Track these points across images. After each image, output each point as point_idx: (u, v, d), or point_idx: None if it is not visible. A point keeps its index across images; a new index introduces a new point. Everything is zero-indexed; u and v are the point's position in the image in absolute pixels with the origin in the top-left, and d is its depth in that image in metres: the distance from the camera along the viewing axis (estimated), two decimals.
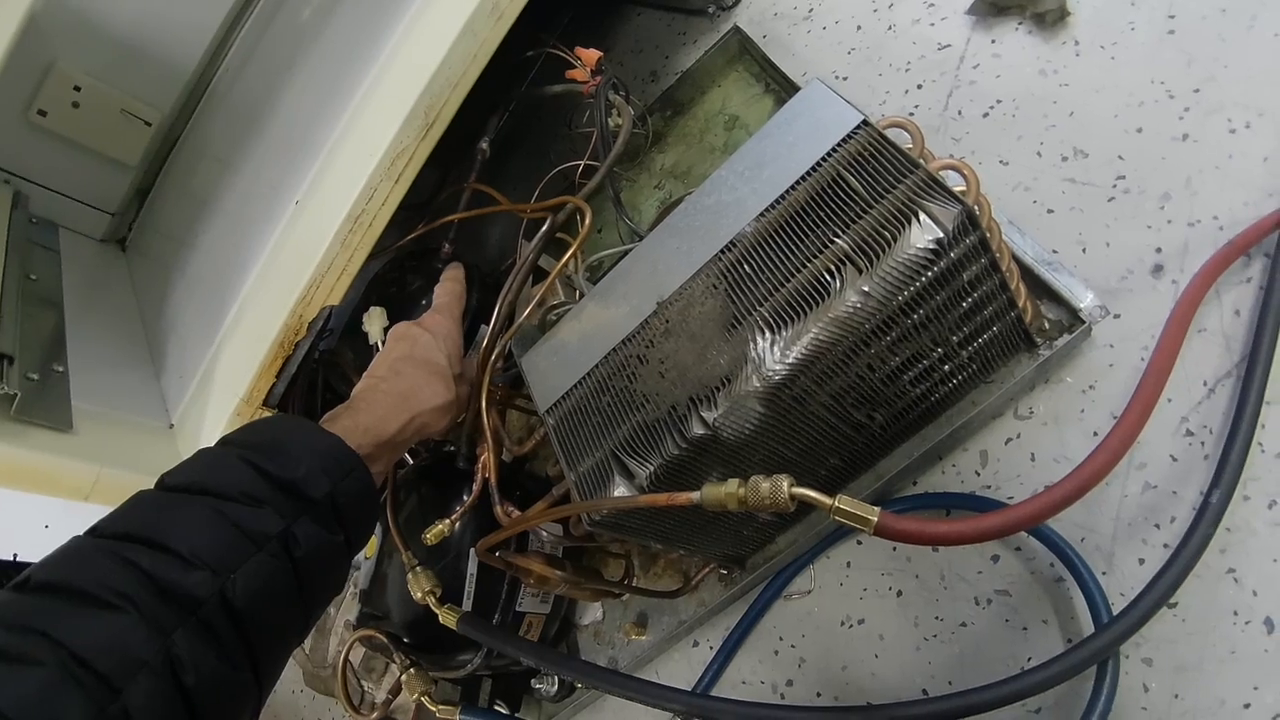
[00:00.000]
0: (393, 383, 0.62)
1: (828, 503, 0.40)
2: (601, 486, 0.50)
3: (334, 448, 0.51)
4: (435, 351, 0.66)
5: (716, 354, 0.48)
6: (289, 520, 0.46)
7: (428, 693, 0.65)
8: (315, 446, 0.50)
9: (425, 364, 0.65)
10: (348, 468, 0.51)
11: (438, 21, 0.67)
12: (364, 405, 0.59)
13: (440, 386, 0.64)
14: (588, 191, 0.70)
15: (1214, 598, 0.52)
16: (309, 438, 0.51)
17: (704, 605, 0.68)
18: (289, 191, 0.76)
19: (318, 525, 0.47)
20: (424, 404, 0.62)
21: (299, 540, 0.46)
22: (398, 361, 0.64)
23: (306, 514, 0.47)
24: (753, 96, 0.82)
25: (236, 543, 0.44)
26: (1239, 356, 0.56)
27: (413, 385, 0.62)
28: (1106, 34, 0.70)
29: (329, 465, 0.50)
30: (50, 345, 0.75)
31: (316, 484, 0.48)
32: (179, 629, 0.40)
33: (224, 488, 0.46)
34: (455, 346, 0.69)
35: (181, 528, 0.43)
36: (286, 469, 0.48)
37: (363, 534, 0.53)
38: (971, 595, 0.60)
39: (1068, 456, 0.59)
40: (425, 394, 0.62)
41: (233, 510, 0.45)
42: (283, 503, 0.47)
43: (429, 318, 0.70)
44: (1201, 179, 0.62)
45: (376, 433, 0.57)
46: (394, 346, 0.67)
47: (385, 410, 0.59)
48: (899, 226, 0.44)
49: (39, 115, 0.90)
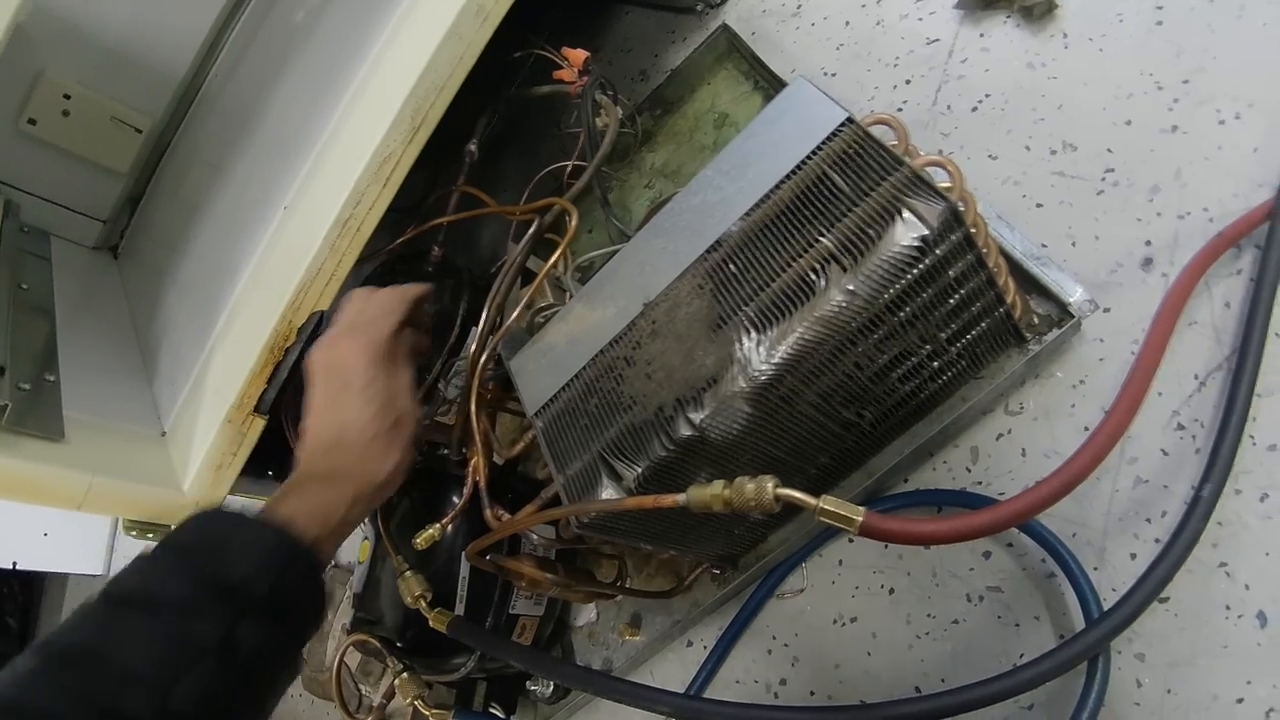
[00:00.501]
0: (331, 462, 0.58)
1: (812, 503, 0.40)
2: (590, 489, 0.50)
3: (273, 543, 0.50)
4: (362, 414, 0.60)
5: (703, 355, 0.48)
6: (229, 625, 0.45)
7: (422, 696, 0.65)
8: (254, 543, 0.49)
9: (357, 438, 0.59)
10: (289, 560, 0.50)
11: (423, 25, 0.67)
12: (304, 492, 0.56)
13: (378, 461, 0.59)
14: (574, 193, 0.70)
15: (1206, 592, 0.52)
16: (247, 535, 0.50)
17: (697, 605, 0.68)
18: (278, 196, 0.76)
19: (259, 625, 0.46)
20: (365, 483, 0.58)
21: (241, 643, 0.45)
22: (330, 448, 0.59)
23: (248, 616, 0.46)
24: (742, 94, 0.82)
25: (175, 656, 0.43)
26: (1229, 349, 0.56)
27: (350, 465, 0.58)
28: (1095, 26, 0.69)
29: (269, 562, 0.48)
30: (42, 355, 0.75)
31: (257, 583, 0.47)
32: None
33: (162, 597, 0.45)
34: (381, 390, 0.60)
35: (120, 644, 0.43)
36: (224, 572, 0.47)
37: (310, 625, 0.52)
38: (963, 592, 0.60)
39: (1059, 451, 0.59)
40: (364, 474, 0.58)
41: (170, 621, 0.44)
42: (222, 607, 0.46)
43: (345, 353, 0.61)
44: (1191, 171, 0.61)
45: (321, 520, 0.54)
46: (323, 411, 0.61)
47: (326, 497, 0.56)
48: (883, 224, 0.44)
49: (29, 124, 0.90)
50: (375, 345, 0.62)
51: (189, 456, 0.73)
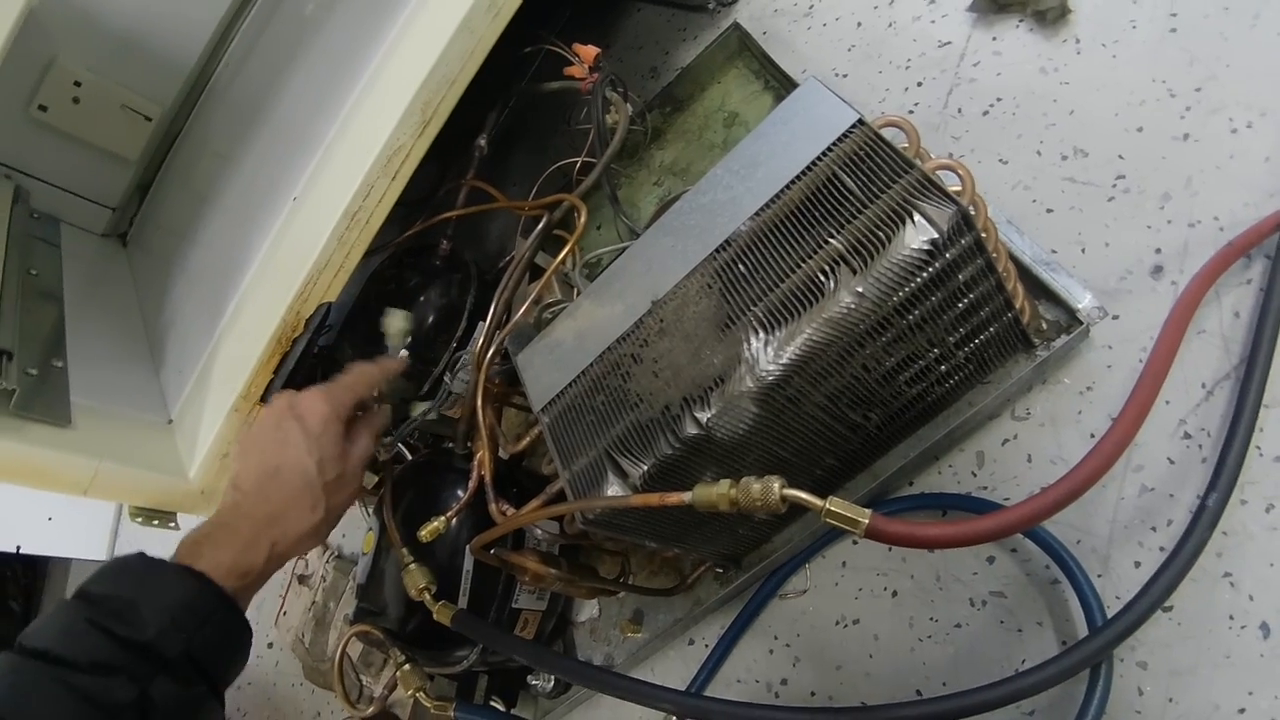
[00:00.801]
0: (256, 503, 0.59)
1: (819, 504, 0.40)
2: (595, 485, 0.50)
3: (189, 597, 0.50)
4: (305, 458, 0.60)
5: (710, 354, 0.48)
6: (144, 684, 0.45)
7: (423, 688, 0.65)
8: (168, 600, 0.49)
9: (293, 478, 0.60)
10: (204, 616, 0.50)
11: (435, 18, 0.67)
12: (225, 535, 0.56)
13: (306, 509, 0.60)
14: (584, 189, 0.70)
15: (1210, 602, 0.52)
16: (163, 589, 0.50)
17: (699, 603, 0.68)
18: (287, 188, 0.76)
19: (175, 683, 0.47)
20: (288, 532, 0.59)
21: (155, 703, 0.45)
22: (262, 476, 0.60)
23: (162, 673, 0.46)
24: (752, 93, 0.81)
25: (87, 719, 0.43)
26: (1238, 359, 0.56)
27: (278, 509, 0.59)
28: (1108, 32, 0.69)
29: (183, 619, 0.49)
30: (50, 340, 0.75)
31: (170, 642, 0.47)
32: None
33: (75, 657, 0.45)
34: (331, 445, 0.62)
35: (33, 709, 0.43)
36: (137, 630, 0.47)
37: (230, 674, 0.53)
38: (967, 596, 0.60)
39: (1064, 458, 0.59)
40: (289, 520, 0.59)
41: (83, 683, 0.44)
42: (135, 667, 0.46)
43: (308, 402, 0.62)
44: (1202, 179, 0.61)
45: (243, 570, 0.55)
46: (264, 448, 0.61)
47: (246, 540, 0.56)
48: (893, 227, 0.44)
49: (40, 111, 0.90)
50: (340, 403, 0.63)
51: (195, 444, 0.73)
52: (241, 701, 1.14)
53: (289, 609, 1.08)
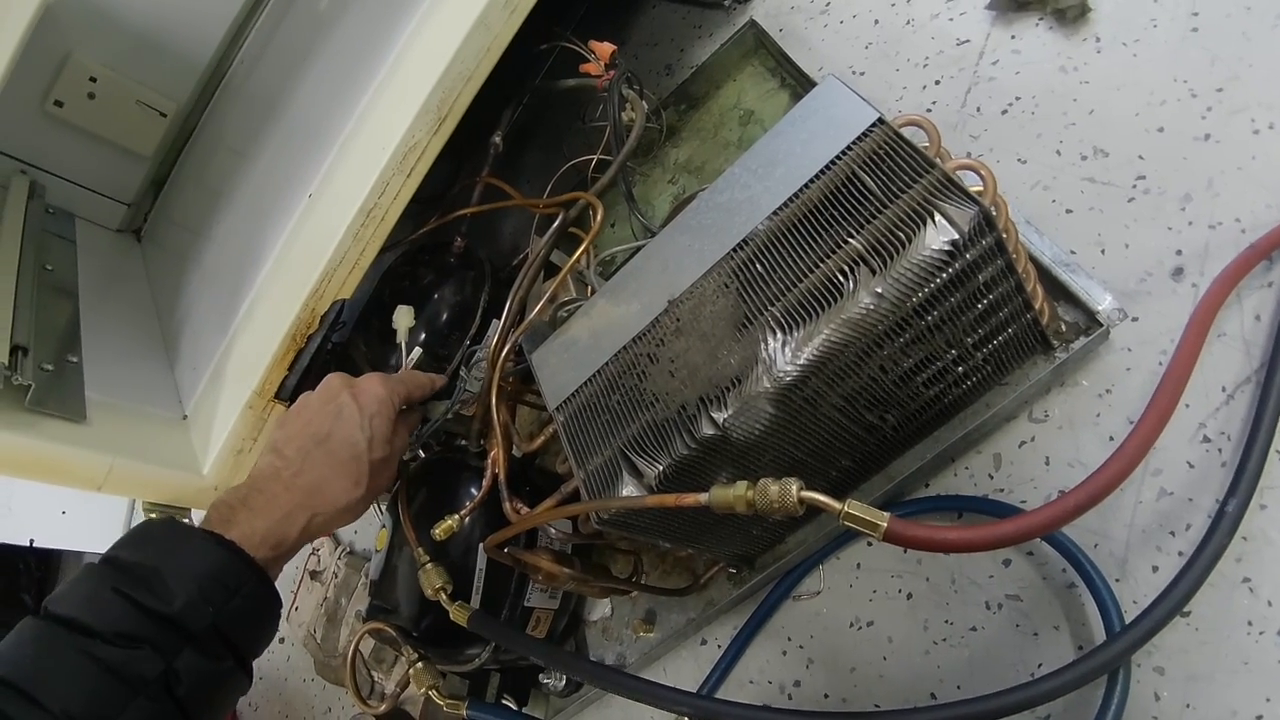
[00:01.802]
0: (298, 472, 0.58)
1: (837, 507, 0.40)
2: (610, 485, 0.50)
3: (217, 568, 0.49)
4: (357, 432, 0.60)
5: (727, 354, 0.48)
6: (169, 658, 0.45)
7: (436, 686, 0.65)
8: (199, 569, 0.48)
9: (341, 449, 0.59)
10: (234, 588, 0.49)
11: (451, 15, 0.67)
12: (262, 503, 0.55)
13: (349, 483, 0.59)
14: (600, 187, 0.70)
15: (1228, 607, 0.51)
16: (193, 558, 0.49)
17: (712, 604, 0.68)
18: (302, 184, 0.76)
19: (201, 657, 0.46)
20: (328, 505, 0.58)
21: (181, 677, 0.45)
22: (310, 443, 0.59)
23: (188, 646, 0.46)
24: (768, 91, 0.81)
25: (111, 693, 0.43)
26: (1259, 362, 0.55)
27: (319, 480, 0.58)
28: (1128, 31, 0.68)
29: (211, 591, 0.48)
30: (65, 336, 0.75)
31: (197, 615, 0.47)
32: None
33: (100, 626, 0.44)
34: (383, 426, 0.62)
35: (56, 679, 0.43)
36: (164, 601, 0.46)
37: (259, 646, 0.52)
38: (982, 600, 0.59)
39: (1082, 461, 0.58)
40: (331, 492, 0.58)
41: (108, 654, 0.44)
42: (161, 639, 0.45)
43: (366, 384, 0.63)
44: (1224, 180, 0.60)
45: (276, 541, 0.54)
46: (315, 414, 0.61)
47: (285, 510, 0.56)
48: (914, 227, 0.44)
49: (55, 106, 0.90)
50: (395, 393, 0.64)
51: (209, 440, 0.73)
52: (253, 696, 1.15)
53: (301, 604, 1.08)
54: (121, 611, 0.45)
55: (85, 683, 0.43)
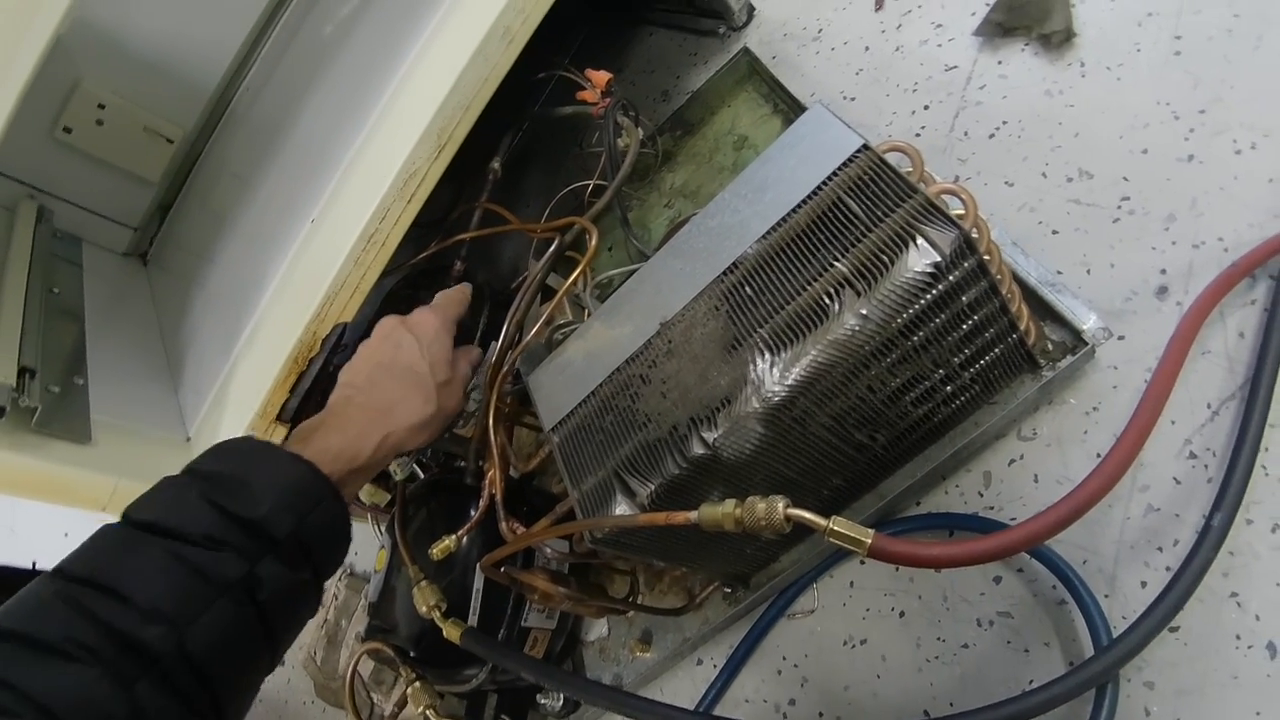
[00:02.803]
0: (369, 395, 0.60)
1: (822, 524, 0.40)
2: (603, 505, 0.50)
3: (301, 479, 0.50)
4: (418, 358, 0.63)
5: (718, 375, 0.49)
6: (252, 562, 0.45)
7: (433, 706, 0.66)
8: (281, 480, 0.49)
9: (406, 374, 0.62)
10: (315, 499, 0.50)
11: (450, 46, 0.69)
12: (337, 423, 0.57)
13: (419, 401, 0.61)
14: (595, 212, 0.71)
15: (1216, 622, 0.52)
16: (275, 470, 0.50)
17: (708, 623, 0.69)
18: (305, 209, 0.78)
19: (282, 565, 0.47)
20: (400, 421, 0.59)
21: (263, 582, 0.46)
22: (376, 370, 0.62)
23: (270, 553, 0.46)
24: (761, 117, 0.83)
25: (196, 591, 0.43)
26: (1242, 379, 0.56)
27: (390, 399, 0.60)
28: (1112, 55, 0.70)
29: (294, 500, 0.49)
30: (71, 358, 0.76)
31: (281, 522, 0.47)
32: (141, 680, 0.40)
33: (185, 529, 0.45)
34: (442, 351, 0.65)
35: (142, 576, 0.43)
36: (249, 507, 0.47)
37: (332, 564, 0.52)
38: (974, 617, 0.60)
39: (1070, 478, 0.59)
40: (402, 410, 0.60)
41: (193, 555, 0.44)
42: (245, 544, 0.46)
43: (418, 316, 0.67)
44: (1207, 200, 0.62)
45: (350, 456, 0.55)
46: (376, 349, 0.64)
47: (359, 429, 0.57)
48: (897, 250, 0.45)
49: (64, 132, 0.92)
50: (447, 318, 0.67)
51: None
52: (252, 718, 1.15)
53: None
54: (207, 516, 0.46)
55: (171, 581, 0.43)
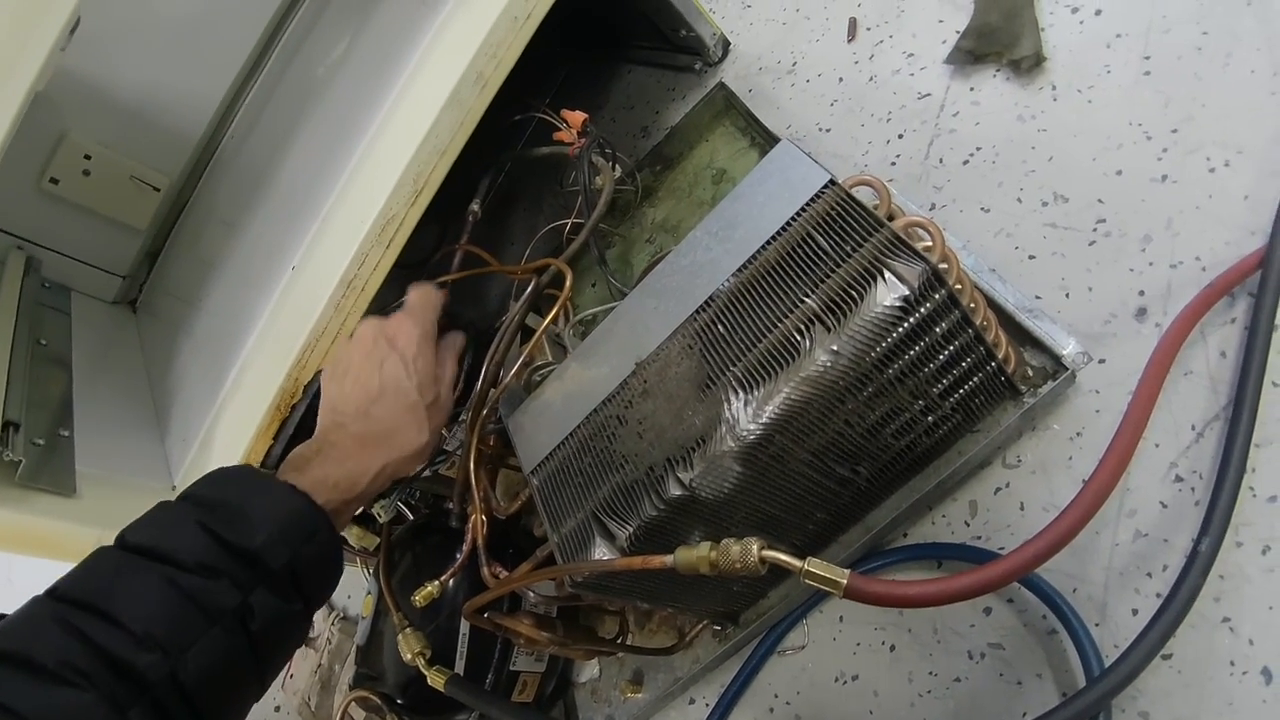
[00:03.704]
0: (364, 425, 0.60)
1: (798, 565, 0.40)
2: (583, 548, 0.50)
3: (297, 511, 0.50)
4: (405, 382, 0.62)
5: (692, 414, 0.49)
6: (245, 592, 0.46)
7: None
8: (277, 511, 0.49)
9: (397, 400, 0.61)
10: (310, 532, 0.50)
11: (424, 91, 0.69)
12: (335, 454, 0.57)
13: (413, 431, 0.61)
14: (570, 253, 0.71)
15: (1210, 648, 0.51)
16: (272, 500, 0.50)
17: (698, 662, 0.68)
18: (287, 256, 0.78)
19: (275, 595, 0.47)
20: (395, 452, 0.59)
21: (255, 613, 0.46)
22: (365, 399, 0.61)
23: (264, 584, 0.46)
24: (739, 150, 0.83)
25: (190, 619, 0.44)
26: (1226, 399, 0.56)
27: (385, 429, 0.60)
28: (1083, 78, 0.70)
29: (290, 532, 0.49)
30: (57, 410, 0.76)
31: (276, 553, 0.47)
32: (134, 707, 0.40)
33: (181, 556, 0.45)
34: (427, 367, 0.64)
35: (136, 601, 0.43)
36: (245, 537, 0.47)
37: (323, 595, 0.53)
38: (965, 649, 0.59)
39: (1057, 505, 0.58)
40: (399, 439, 0.60)
41: (188, 582, 0.44)
42: (239, 573, 0.46)
43: (396, 325, 0.65)
44: (1182, 219, 0.62)
45: (346, 487, 0.56)
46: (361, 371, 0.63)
47: (355, 461, 0.57)
48: (865, 285, 0.45)
49: (51, 183, 0.93)
50: (427, 322, 0.66)
51: None
52: None
53: (295, 672, 1.07)
54: (203, 543, 0.46)
55: (166, 607, 0.43)
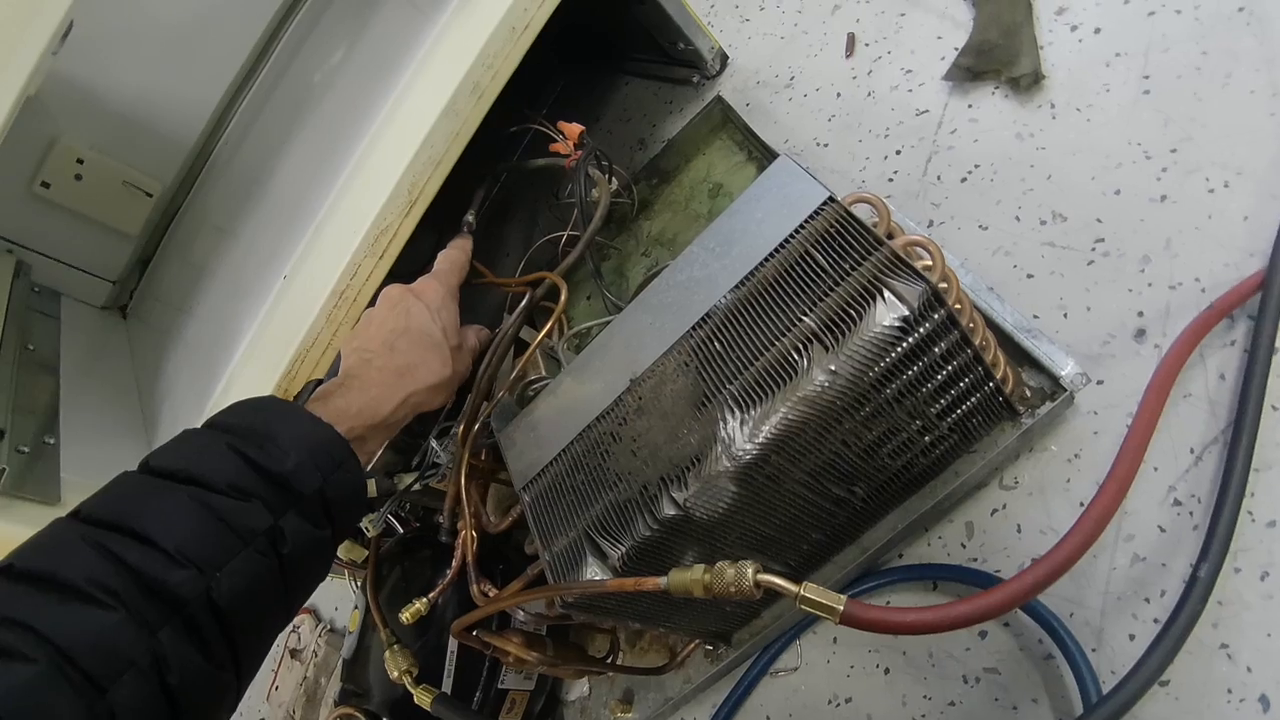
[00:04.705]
0: (387, 359, 0.60)
1: (793, 590, 0.39)
2: (574, 567, 0.49)
3: (326, 439, 0.50)
4: (430, 323, 0.63)
5: (687, 433, 0.48)
6: (276, 515, 0.45)
7: None
8: (307, 437, 0.49)
9: (421, 337, 0.62)
10: (338, 460, 0.50)
11: (420, 101, 0.69)
12: (357, 384, 0.57)
13: (437, 363, 0.62)
14: (565, 266, 0.71)
15: (1207, 675, 0.50)
16: (301, 427, 0.50)
17: (690, 682, 0.67)
18: (279, 265, 0.77)
19: (305, 520, 0.47)
20: (420, 382, 0.60)
21: (286, 536, 0.45)
22: (391, 334, 0.62)
23: (294, 508, 0.46)
24: (736, 164, 0.83)
25: (223, 539, 0.43)
26: (1225, 422, 0.55)
27: (408, 362, 0.60)
28: (1082, 96, 0.70)
29: (320, 458, 0.49)
30: (44, 417, 0.75)
31: (307, 478, 0.47)
32: (165, 627, 0.40)
33: (211, 478, 0.45)
34: (451, 317, 0.66)
35: (168, 520, 0.42)
36: (276, 461, 0.47)
37: (349, 525, 0.52)
38: (960, 673, 0.58)
39: (1054, 528, 0.58)
40: (421, 371, 0.60)
41: (220, 504, 0.44)
42: (271, 497, 0.46)
43: (423, 284, 0.67)
44: (1181, 240, 0.61)
45: (370, 415, 0.56)
46: (386, 317, 0.64)
47: (379, 390, 0.57)
48: (864, 304, 0.44)
49: (43, 187, 0.92)
50: (451, 284, 0.68)
51: None
52: None
53: (281, 684, 1.06)
54: (234, 465, 0.46)
55: (198, 527, 0.43)
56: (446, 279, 0.69)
